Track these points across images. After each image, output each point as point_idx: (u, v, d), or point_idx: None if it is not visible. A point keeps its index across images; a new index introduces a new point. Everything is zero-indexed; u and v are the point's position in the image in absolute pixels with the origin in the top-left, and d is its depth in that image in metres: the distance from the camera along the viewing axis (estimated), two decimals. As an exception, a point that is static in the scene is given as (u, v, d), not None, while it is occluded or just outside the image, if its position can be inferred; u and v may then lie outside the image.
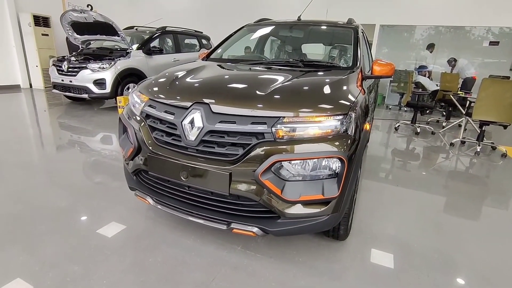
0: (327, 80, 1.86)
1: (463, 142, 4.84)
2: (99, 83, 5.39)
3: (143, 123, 1.70)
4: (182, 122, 1.52)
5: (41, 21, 7.68)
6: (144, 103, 1.75)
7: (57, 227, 1.96)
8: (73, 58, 5.66)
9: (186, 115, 1.52)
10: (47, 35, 7.86)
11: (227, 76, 1.99)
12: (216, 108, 1.50)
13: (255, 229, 1.47)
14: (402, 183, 3.07)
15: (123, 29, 7.06)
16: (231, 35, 2.91)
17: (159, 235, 1.91)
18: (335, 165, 1.45)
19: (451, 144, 4.69)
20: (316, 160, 1.43)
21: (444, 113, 7.18)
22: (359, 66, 2.16)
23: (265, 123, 1.43)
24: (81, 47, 6.32)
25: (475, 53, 8.29)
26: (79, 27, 5.80)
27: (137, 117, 1.75)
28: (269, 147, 1.40)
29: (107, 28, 5.51)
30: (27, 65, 7.89)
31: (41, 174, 2.82)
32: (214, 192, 1.51)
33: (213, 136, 1.48)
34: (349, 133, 1.49)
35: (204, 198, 1.57)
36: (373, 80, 3.13)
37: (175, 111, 1.59)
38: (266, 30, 3.00)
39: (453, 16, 7.51)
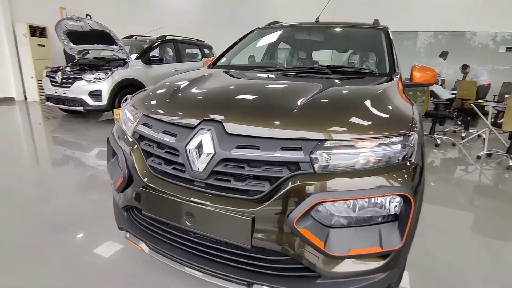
0: (371, 91, 1.48)
1: (489, 155, 4.45)
2: (95, 94, 5.04)
3: (136, 145, 1.31)
4: (187, 147, 1.14)
5: (37, 32, 7.41)
6: (137, 121, 1.37)
7: (51, 245, 1.79)
8: (68, 69, 5.33)
9: (192, 138, 1.14)
10: (43, 45, 7.59)
11: (243, 86, 1.60)
12: (231, 127, 1.12)
13: (287, 294, 1.06)
14: (437, 201, 2.67)
15: (122, 39, 6.77)
16: (239, 40, 2.56)
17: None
18: (397, 204, 1.06)
19: (478, 157, 4.29)
20: (371, 199, 1.04)
21: (460, 123, 6.81)
22: (398, 72, 1.79)
23: (300, 149, 1.04)
24: (77, 57, 6.01)
25: (486, 59, 7.99)
26: (75, 36, 5.50)
27: (128, 137, 1.37)
28: (308, 182, 1.01)
29: (104, 37, 5.20)
30: (22, 76, 7.59)
31: (33, 191, 2.53)
32: (230, 243, 1.11)
33: (228, 166, 1.09)
34: (413, 160, 1.10)
35: (216, 250, 1.17)
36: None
37: (177, 131, 1.20)
38: (280, 33, 2.64)
39: (461, 22, 7.25)
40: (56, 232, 1.95)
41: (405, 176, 1.05)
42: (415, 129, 1.16)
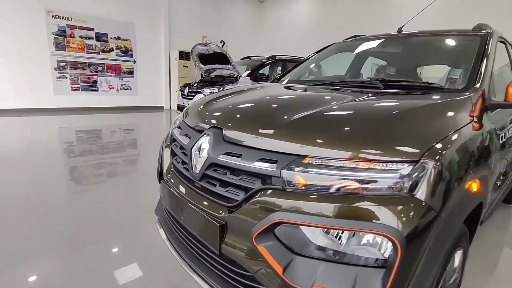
0: (399, 106, 1.23)
1: None
2: (209, 106, 5.94)
3: (169, 145, 1.54)
4: (192, 149, 1.26)
5: (184, 56, 9.38)
6: (175, 125, 1.60)
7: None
8: (194, 85, 6.52)
9: (197, 141, 1.25)
10: (186, 66, 9.52)
11: (265, 98, 1.60)
12: (228, 134, 1.17)
13: (246, 315, 1.00)
14: None
15: (241, 59, 7.73)
16: (313, 54, 2.53)
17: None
18: (384, 248, 0.84)
19: None
20: (350, 234, 0.87)
21: None
22: (478, 88, 1.37)
23: (275, 162, 0.99)
24: (204, 75, 7.24)
25: None
26: (204, 58, 6.67)
27: (169, 138, 1.62)
28: (274, 198, 0.95)
29: (222, 58, 6.09)
30: (170, 90, 9.73)
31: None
32: (207, 246, 1.15)
33: (217, 171, 1.14)
34: (417, 196, 0.85)
35: (200, 250, 1.23)
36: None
37: (192, 135, 1.35)
38: (356, 47, 2.46)
39: None
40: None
41: (398, 214, 0.83)
42: (436, 158, 0.89)
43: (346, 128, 1.05)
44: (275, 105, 1.41)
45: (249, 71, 6.50)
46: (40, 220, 2.23)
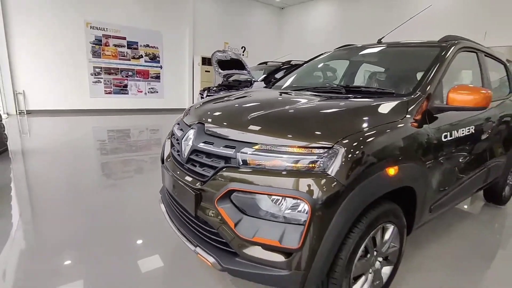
0: (333, 107, 1.55)
1: None
2: (225, 108, 6.38)
3: (169, 138, 1.94)
4: (183, 139, 1.64)
5: (206, 62, 9.96)
6: (176, 122, 2.00)
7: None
8: (214, 88, 7.00)
9: (186, 133, 1.64)
10: (208, 71, 10.09)
11: (243, 101, 1.91)
12: (207, 127, 1.54)
13: (212, 260, 1.35)
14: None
15: (258, 64, 8.13)
16: (303, 63, 2.85)
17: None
18: (302, 209, 1.16)
19: None
20: (281, 198, 1.20)
21: None
22: (420, 93, 1.63)
23: (234, 148, 1.34)
24: (223, 80, 7.72)
25: None
26: (223, 64, 7.15)
27: (170, 133, 2.02)
28: (231, 173, 1.30)
29: (238, 64, 6.52)
30: (193, 94, 10.35)
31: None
32: (187, 210, 1.52)
33: (198, 155, 1.51)
34: (329, 173, 1.17)
35: (184, 214, 1.60)
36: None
37: (185, 129, 1.73)
38: (344, 56, 2.74)
39: None
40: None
41: (313, 185, 1.15)
42: (350, 145, 1.20)
43: (285, 124, 1.40)
44: (245, 107, 1.75)
45: (264, 75, 6.88)
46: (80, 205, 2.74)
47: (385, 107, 1.51)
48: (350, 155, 1.19)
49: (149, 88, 9.68)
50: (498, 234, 2.60)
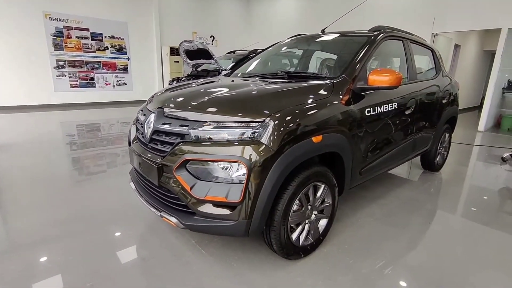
0: (269, 89, 1.85)
1: None
2: (195, 98, 6.54)
3: (134, 123, 2.16)
4: (145, 123, 1.87)
5: (175, 52, 9.93)
6: (140, 108, 2.21)
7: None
8: (183, 79, 7.10)
9: (148, 117, 1.87)
10: (177, 61, 10.08)
11: (199, 87, 2.14)
12: (166, 111, 1.79)
13: (175, 220, 1.63)
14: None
15: (227, 53, 8.30)
16: (258, 52, 3.12)
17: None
18: (241, 171, 1.46)
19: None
20: (225, 163, 1.49)
21: None
22: (347, 76, 1.97)
23: (187, 126, 1.60)
24: (192, 70, 7.82)
25: None
26: (191, 54, 7.25)
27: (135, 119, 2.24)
28: (185, 147, 1.57)
29: (205, 54, 6.66)
30: (163, 84, 10.32)
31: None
32: (151, 182, 1.77)
33: (159, 135, 1.76)
34: (262, 141, 1.47)
35: (149, 187, 1.86)
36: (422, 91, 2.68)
37: (147, 114, 1.96)
38: (295, 45, 3.05)
39: None
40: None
41: (247, 150, 1.44)
42: (277, 118, 1.50)
43: (229, 104, 1.69)
44: (199, 92, 1.99)
45: (232, 64, 7.07)
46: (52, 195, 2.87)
47: (313, 89, 1.83)
48: (278, 127, 1.50)
49: (117, 81, 9.54)
50: (427, 194, 3.08)
